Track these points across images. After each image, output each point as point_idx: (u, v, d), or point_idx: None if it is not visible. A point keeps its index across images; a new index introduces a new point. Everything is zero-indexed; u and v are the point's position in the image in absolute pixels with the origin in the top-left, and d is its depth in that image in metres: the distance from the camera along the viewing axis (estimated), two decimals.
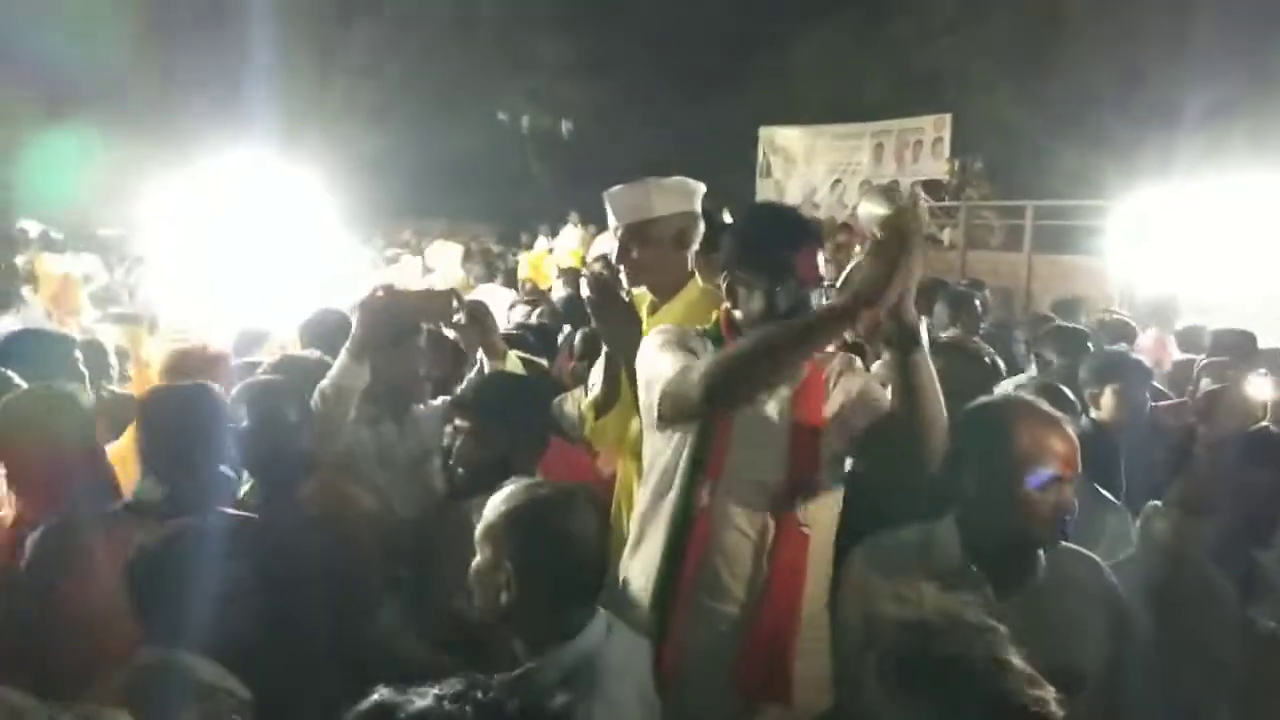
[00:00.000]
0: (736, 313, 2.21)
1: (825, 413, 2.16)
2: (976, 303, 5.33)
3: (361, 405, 2.87)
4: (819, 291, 2.12)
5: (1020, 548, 2.04)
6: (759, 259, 2.15)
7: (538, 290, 8.26)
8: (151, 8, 18.31)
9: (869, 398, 2.17)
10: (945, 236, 16.03)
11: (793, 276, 2.11)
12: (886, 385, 2.17)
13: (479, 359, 3.07)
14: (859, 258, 1.93)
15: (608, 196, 2.79)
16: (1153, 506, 2.47)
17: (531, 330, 4.95)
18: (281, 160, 7.02)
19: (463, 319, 3.01)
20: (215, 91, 16.05)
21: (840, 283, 1.96)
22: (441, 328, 3.46)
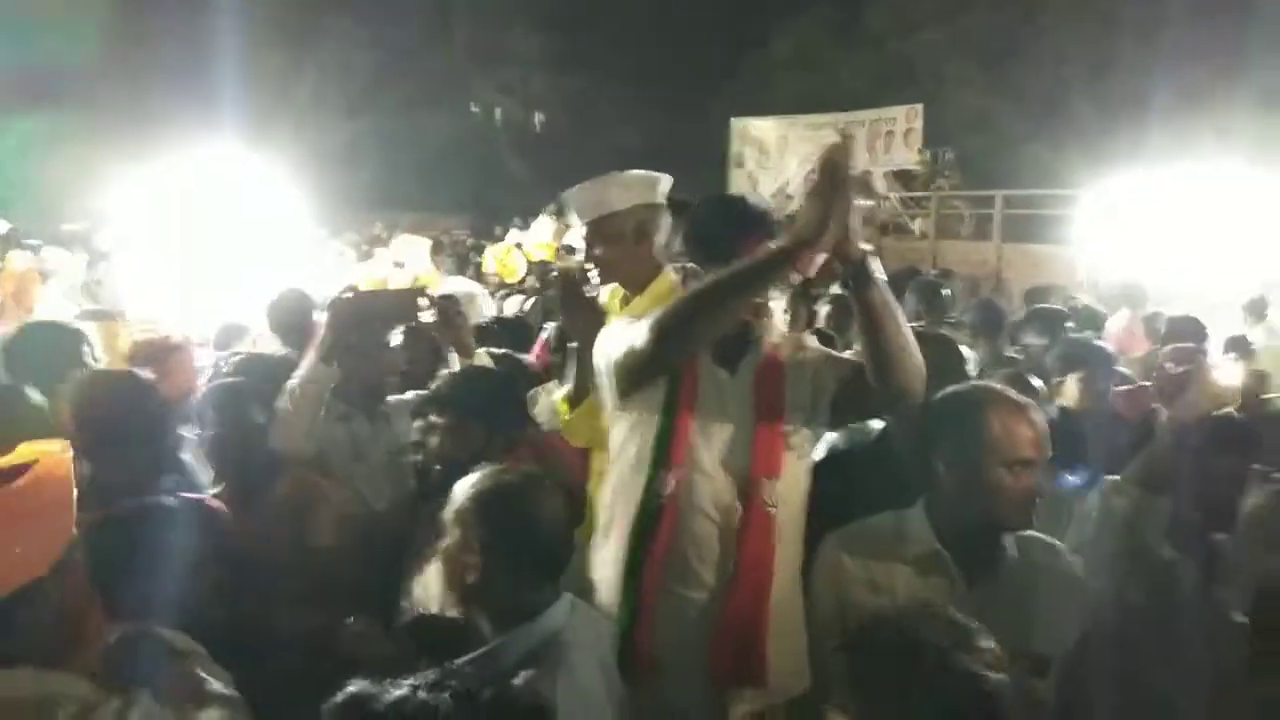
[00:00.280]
0: None
1: (785, 394, 2.18)
2: (945, 292, 5.39)
3: (333, 402, 2.86)
4: None
5: (989, 532, 2.06)
6: (708, 249, 2.19)
7: (504, 285, 8.23)
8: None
9: (835, 358, 2.24)
10: (916, 226, 16.14)
11: None
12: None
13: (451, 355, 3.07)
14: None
15: (568, 196, 2.80)
16: (1113, 482, 2.49)
17: (502, 322, 4.95)
18: (250, 153, 6.96)
19: (432, 317, 3.00)
20: (184, 83, 15.85)
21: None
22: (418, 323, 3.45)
